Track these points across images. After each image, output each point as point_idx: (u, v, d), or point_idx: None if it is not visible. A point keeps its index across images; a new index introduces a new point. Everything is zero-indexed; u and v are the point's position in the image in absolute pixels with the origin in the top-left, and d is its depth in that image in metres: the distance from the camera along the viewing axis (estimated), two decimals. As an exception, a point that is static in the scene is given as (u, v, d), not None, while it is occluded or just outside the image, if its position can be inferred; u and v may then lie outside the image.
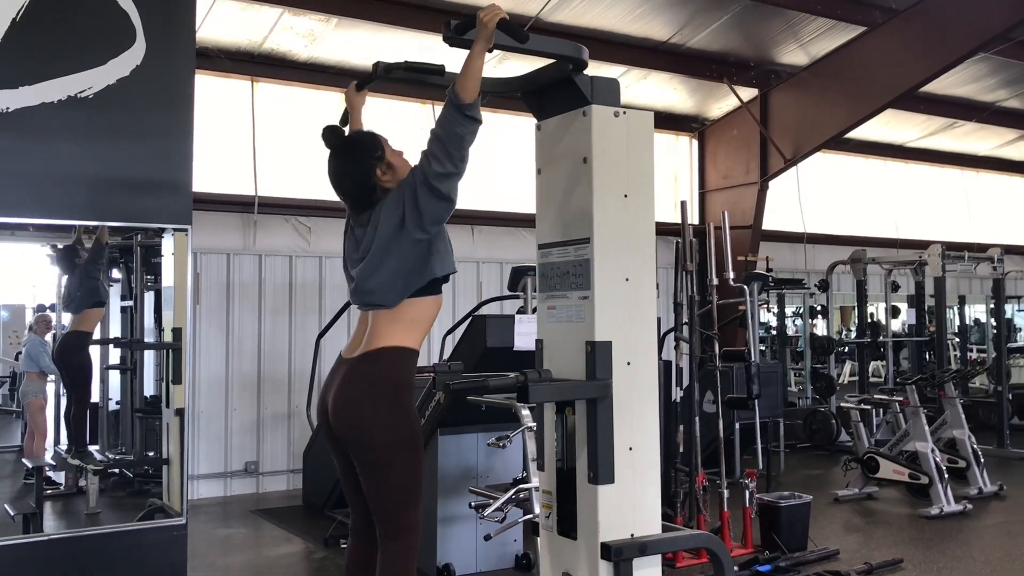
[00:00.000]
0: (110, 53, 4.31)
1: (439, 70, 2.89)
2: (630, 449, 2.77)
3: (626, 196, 2.82)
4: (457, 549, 5.44)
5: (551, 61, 2.89)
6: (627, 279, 2.81)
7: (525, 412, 4.77)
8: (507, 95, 3.02)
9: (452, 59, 2.88)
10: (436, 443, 5.43)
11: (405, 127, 8.42)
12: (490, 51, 2.71)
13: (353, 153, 3.11)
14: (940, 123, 12.30)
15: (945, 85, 10.79)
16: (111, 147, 4.31)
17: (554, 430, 2.89)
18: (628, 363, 2.79)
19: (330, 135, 3.14)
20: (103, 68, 4.30)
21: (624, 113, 2.83)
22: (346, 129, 3.23)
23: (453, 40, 2.73)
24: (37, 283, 11.53)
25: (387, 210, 2.98)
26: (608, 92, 2.82)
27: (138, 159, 4.38)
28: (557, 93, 2.89)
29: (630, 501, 2.76)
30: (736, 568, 5.52)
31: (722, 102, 10.85)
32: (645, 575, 2.75)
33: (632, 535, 2.75)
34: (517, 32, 2.66)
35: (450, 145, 2.79)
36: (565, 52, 2.76)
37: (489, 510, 4.69)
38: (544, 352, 2.98)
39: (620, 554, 2.66)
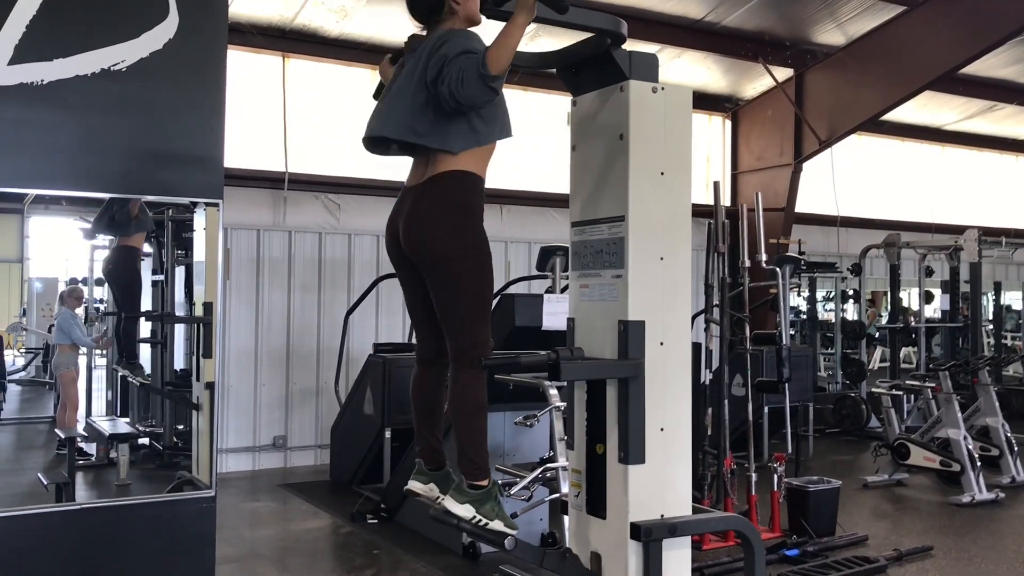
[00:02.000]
0: (143, 26, 4.30)
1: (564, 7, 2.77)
2: (661, 430, 2.74)
3: (663, 174, 2.77)
4: (483, 527, 5.44)
5: (588, 36, 2.83)
6: (662, 258, 2.77)
7: (553, 392, 4.75)
8: (539, 71, 2.96)
9: (486, 33, 2.83)
10: (463, 421, 5.42)
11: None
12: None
13: None
14: (979, 106, 12.06)
15: (985, 67, 10.56)
16: (144, 120, 4.31)
17: (584, 408, 2.86)
18: (661, 343, 2.75)
19: None
20: (137, 41, 4.29)
21: (662, 89, 2.78)
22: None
23: (491, 12, 2.68)
24: (70, 257, 11.68)
25: (423, 65, 2.86)
26: (646, 67, 2.77)
27: (171, 133, 4.38)
28: (594, 68, 2.84)
29: (660, 482, 2.73)
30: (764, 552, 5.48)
31: (756, 82, 10.70)
32: (675, 556, 2.72)
33: (662, 516, 2.72)
34: (558, 2, 2.59)
35: (461, 100, 2.72)
36: (604, 25, 2.70)
37: (515, 488, 4.69)
38: (576, 331, 2.94)
39: (650, 534, 2.64)
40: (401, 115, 2.91)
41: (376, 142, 3.04)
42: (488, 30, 2.73)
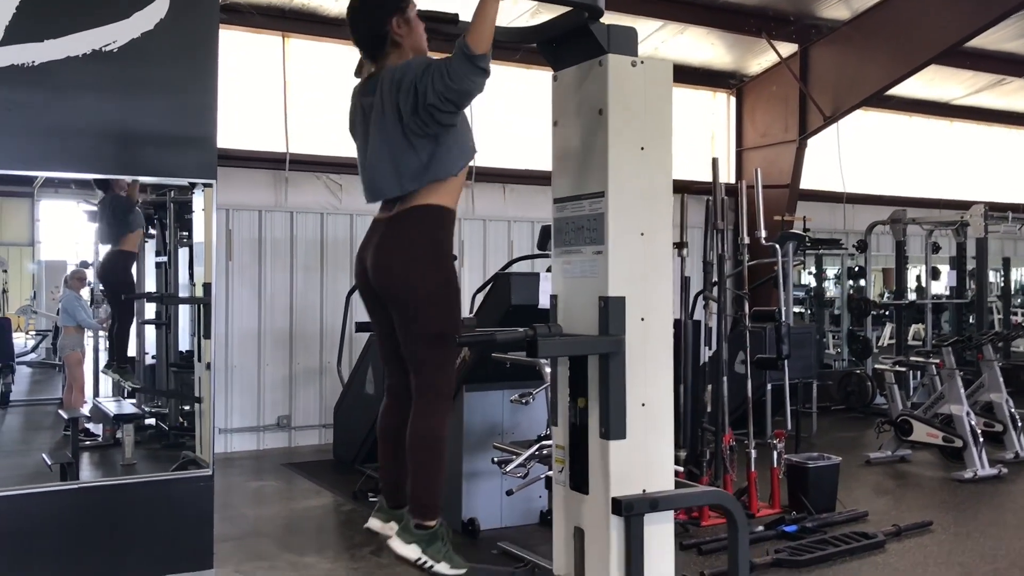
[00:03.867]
0: (134, 6, 4.30)
1: (453, 19, 2.84)
2: (643, 405, 2.74)
3: (643, 149, 2.76)
4: (483, 504, 5.48)
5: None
6: (642, 233, 2.76)
7: (548, 370, 4.76)
8: (524, 46, 2.95)
9: (467, 8, 2.82)
10: (462, 400, 5.45)
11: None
12: (504, -3, 2.63)
13: None
14: (987, 80, 11.92)
15: (993, 40, 10.43)
16: (136, 101, 4.32)
17: (567, 385, 2.87)
18: (642, 319, 2.75)
19: None
20: (128, 22, 4.30)
21: (642, 63, 2.76)
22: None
23: (465, -12, 2.68)
24: (79, 240, 11.74)
25: (390, 96, 2.89)
26: (625, 41, 2.75)
27: (163, 113, 4.39)
28: (573, 43, 2.83)
29: (642, 457, 2.74)
30: (763, 528, 5.50)
31: (761, 58, 10.62)
32: (656, 531, 2.73)
33: (644, 491, 2.73)
34: None
35: (455, 96, 2.75)
36: (580, -1, 2.69)
37: (511, 466, 4.71)
38: (559, 307, 2.95)
39: (631, 509, 2.65)
40: (391, 175, 2.96)
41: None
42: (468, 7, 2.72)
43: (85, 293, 8.32)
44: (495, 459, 4.92)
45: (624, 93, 2.73)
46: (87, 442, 7.46)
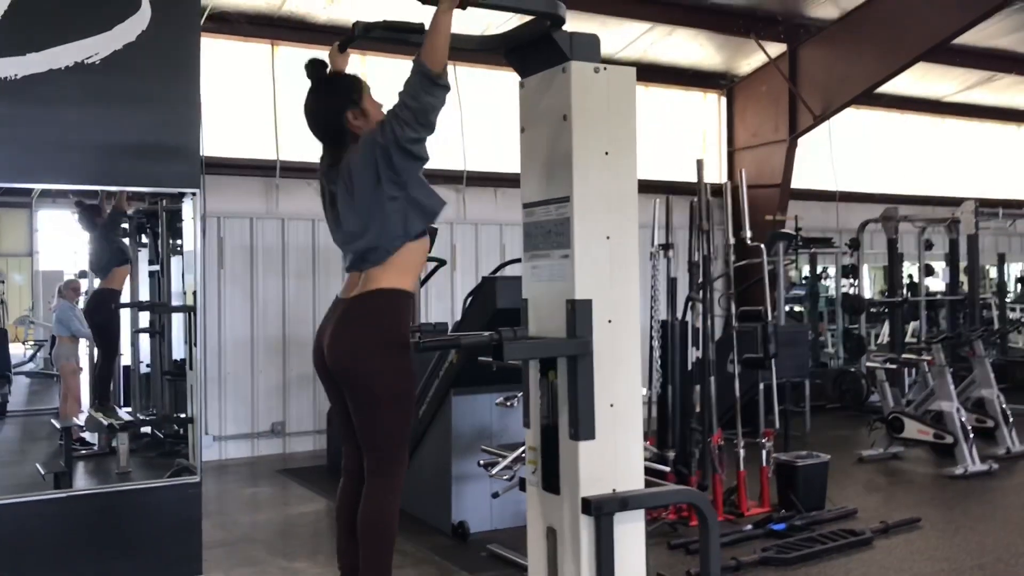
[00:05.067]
0: (116, 18, 4.36)
1: (419, 28, 2.88)
2: (611, 406, 2.78)
3: (607, 153, 2.80)
4: (471, 508, 5.51)
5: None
6: (608, 237, 2.80)
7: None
8: (490, 57, 3.00)
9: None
10: (450, 403, 5.48)
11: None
12: (462, 8, 2.67)
13: (330, 91, 3.17)
14: (979, 76, 11.96)
15: (983, 36, 10.46)
16: (119, 112, 4.37)
17: (538, 387, 2.90)
18: (609, 321, 2.78)
19: (312, 69, 3.20)
20: (109, 34, 4.35)
21: (605, 69, 2.80)
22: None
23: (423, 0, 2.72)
24: (78, 250, 11.79)
25: (358, 172, 3.01)
26: (588, 48, 2.79)
27: (146, 124, 4.44)
28: (537, 50, 2.86)
29: (611, 457, 2.77)
30: (751, 526, 5.53)
31: (751, 58, 10.66)
32: (627, 530, 2.76)
33: (614, 490, 2.76)
34: None
35: (419, 114, 2.83)
36: (540, 7, 2.73)
37: (497, 468, 4.75)
38: (529, 311, 2.99)
39: (600, 508, 2.68)
40: (372, 238, 3.08)
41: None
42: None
43: (79, 303, 8.36)
44: (481, 462, 4.95)
45: (587, 99, 2.77)
46: (83, 451, 7.49)
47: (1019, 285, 14.83)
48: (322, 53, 9.36)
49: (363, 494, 3.02)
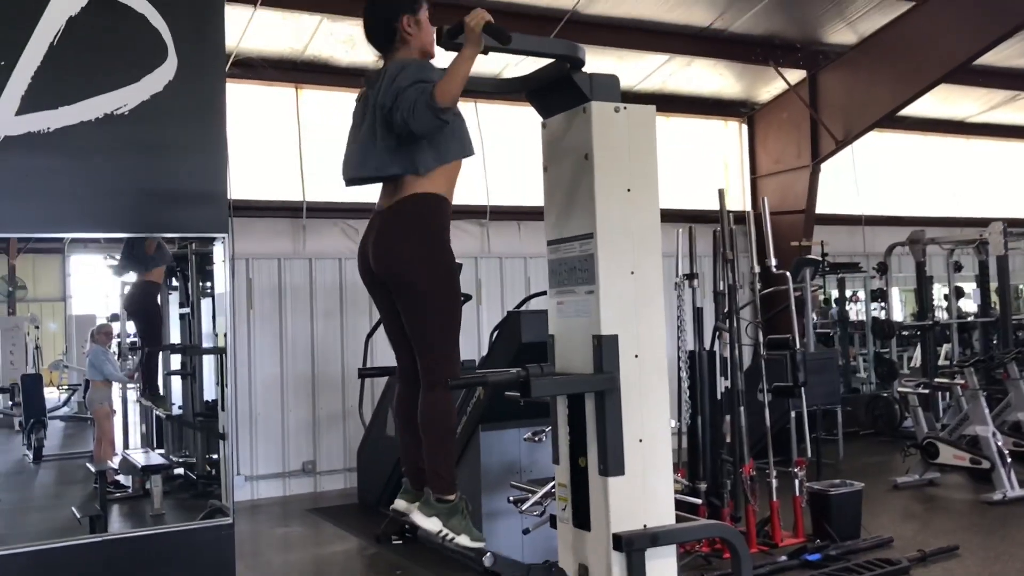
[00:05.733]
0: (143, 70, 4.45)
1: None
2: (640, 441, 2.78)
3: (629, 191, 2.82)
4: (502, 544, 5.46)
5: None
6: (632, 272, 2.82)
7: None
8: (511, 95, 3.04)
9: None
10: (478, 439, 5.49)
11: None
12: (484, 53, 2.73)
13: None
14: (1002, 96, 11.93)
15: (1004, 57, 10.46)
16: (148, 161, 4.45)
17: (567, 423, 2.91)
18: (636, 356, 2.79)
19: None
20: (137, 85, 4.44)
21: (625, 108, 2.83)
22: None
23: (447, 45, 2.77)
24: (108, 294, 11.97)
25: (384, 92, 2.98)
26: (607, 88, 2.83)
27: (174, 171, 4.51)
28: (558, 92, 2.90)
29: (641, 492, 2.77)
30: (785, 557, 5.47)
31: (770, 85, 10.69)
32: (659, 565, 2.75)
33: (644, 526, 2.76)
34: (502, 35, 2.67)
35: (415, 130, 2.87)
36: (559, 51, 2.77)
37: (527, 504, 4.74)
38: (556, 347, 3.00)
39: (631, 544, 2.67)
40: (371, 157, 3.07)
41: (353, 180, 3.22)
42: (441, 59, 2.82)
43: (112, 347, 8.47)
44: (511, 498, 4.95)
45: (608, 138, 2.80)
46: (117, 494, 7.55)
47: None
48: (345, 95, 9.53)
49: (421, 396, 3.05)
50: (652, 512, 2.79)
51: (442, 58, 2.94)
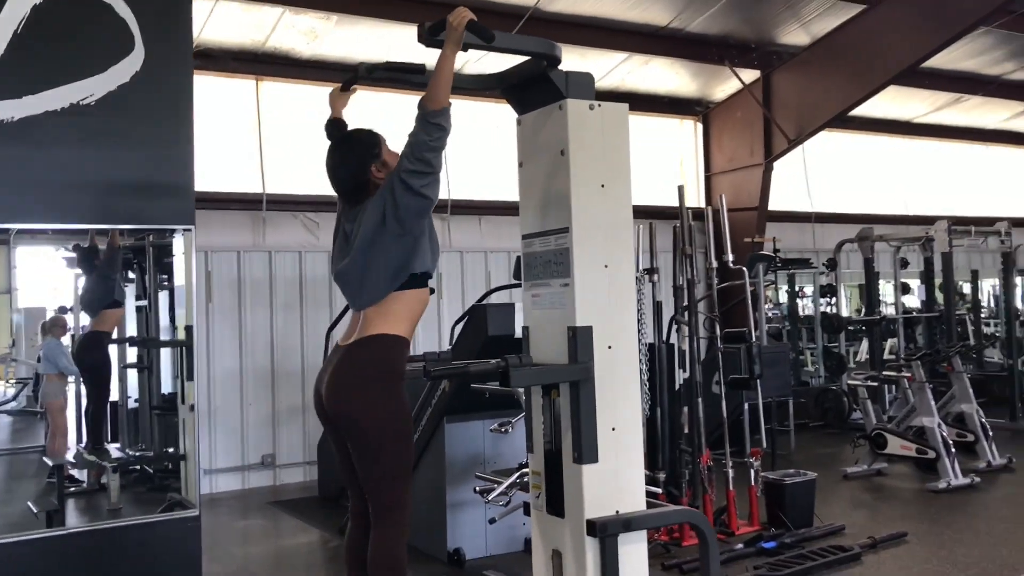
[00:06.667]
0: (110, 60, 4.43)
1: (420, 69, 2.99)
2: (613, 429, 2.87)
3: (603, 186, 2.91)
4: (467, 534, 5.56)
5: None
6: (606, 266, 2.90)
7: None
8: (487, 92, 3.11)
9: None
10: (443, 431, 5.54)
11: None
12: (464, 50, 2.79)
13: (352, 148, 3.25)
14: (946, 98, 12.27)
15: (950, 60, 10.76)
16: (114, 152, 4.43)
17: (541, 413, 2.99)
18: (609, 347, 2.88)
19: (332, 128, 3.31)
20: (104, 75, 4.42)
21: (599, 106, 2.92)
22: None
23: (428, 42, 2.82)
24: (57, 286, 11.77)
25: (371, 207, 3.10)
26: (582, 86, 2.91)
27: (141, 163, 4.50)
28: (534, 89, 2.98)
29: (614, 479, 2.86)
30: (742, 545, 5.61)
31: (725, 85, 10.88)
32: (631, 550, 2.85)
33: (617, 512, 2.85)
34: (484, 33, 2.74)
35: (418, 150, 2.93)
36: (538, 49, 2.85)
37: (493, 494, 4.81)
38: (530, 338, 3.08)
39: (605, 530, 2.76)
40: (374, 279, 3.18)
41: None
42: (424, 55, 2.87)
43: (66, 340, 8.35)
44: (477, 488, 5.01)
45: (583, 135, 2.88)
46: (72, 488, 7.46)
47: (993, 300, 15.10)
48: (306, 88, 9.51)
49: (371, 538, 3.09)
50: (624, 499, 2.88)
51: (425, 55, 2.98)
